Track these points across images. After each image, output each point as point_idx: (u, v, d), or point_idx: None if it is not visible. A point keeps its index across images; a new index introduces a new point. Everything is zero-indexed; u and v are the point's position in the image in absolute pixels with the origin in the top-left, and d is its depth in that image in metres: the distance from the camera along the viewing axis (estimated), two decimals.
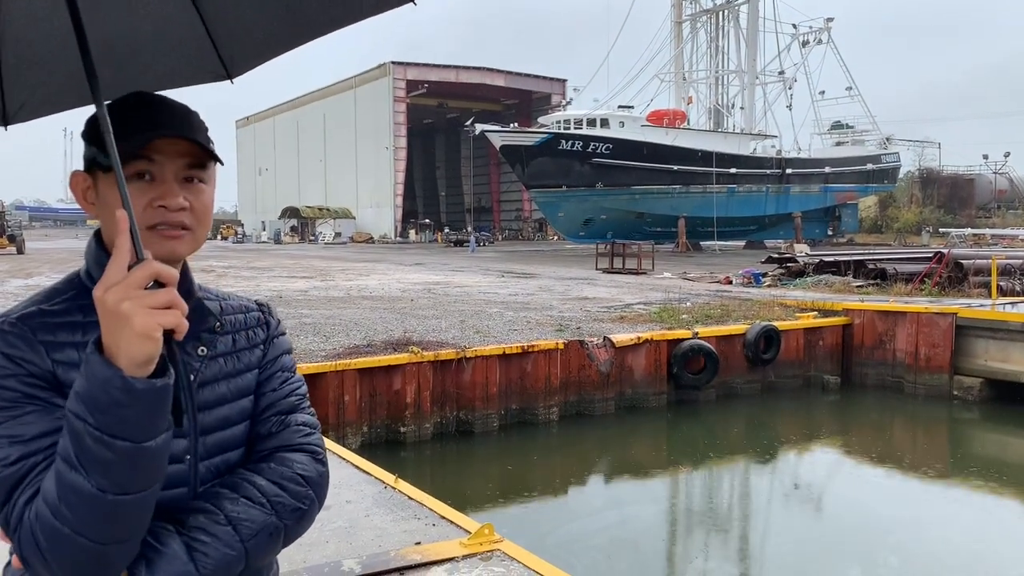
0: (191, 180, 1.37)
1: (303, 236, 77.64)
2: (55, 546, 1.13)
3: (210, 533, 1.29)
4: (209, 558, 1.27)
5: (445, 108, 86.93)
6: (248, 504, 1.34)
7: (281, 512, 1.36)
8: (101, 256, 1.36)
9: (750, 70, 62.80)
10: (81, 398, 1.10)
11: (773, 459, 12.36)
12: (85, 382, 1.10)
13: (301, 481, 1.40)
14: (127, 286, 1.09)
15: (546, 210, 57.16)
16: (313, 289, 21.46)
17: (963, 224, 65.02)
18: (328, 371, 10.62)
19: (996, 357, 14.15)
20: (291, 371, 1.55)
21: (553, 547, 8.00)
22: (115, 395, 1.08)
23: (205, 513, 1.31)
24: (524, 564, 4.30)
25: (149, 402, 1.10)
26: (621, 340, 13.18)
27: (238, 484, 1.37)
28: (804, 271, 23.40)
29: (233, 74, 1.71)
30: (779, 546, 8.94)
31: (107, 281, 1.10)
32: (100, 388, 1.08)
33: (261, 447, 1.44)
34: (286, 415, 1.48)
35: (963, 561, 8.21)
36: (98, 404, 1.09)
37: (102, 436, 1.09)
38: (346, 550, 4.56)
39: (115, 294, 1.09)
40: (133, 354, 1.08)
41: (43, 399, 1.23)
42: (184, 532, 1.28)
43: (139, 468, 1.13)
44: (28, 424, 1.20)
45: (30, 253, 41.42)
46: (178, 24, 1.59)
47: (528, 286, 22.73)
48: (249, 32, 1.67)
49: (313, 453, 1.46)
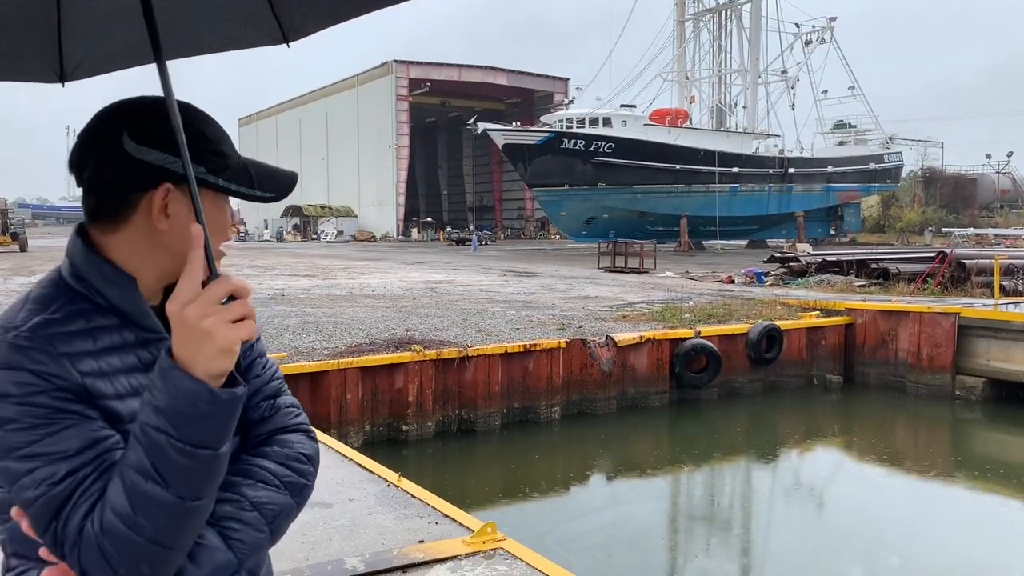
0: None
1: (305, 234, 77.69)
2: (127, 556, 1.15)
3: (240, 520, 1.32)
4: (245, 544, 1.32)
5: (447, 107, 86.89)
6: (265, 487, 1.37)
7: (292, 490, 1.40)
8: (90, 255, 1.31)
9: (753, 69, 62.70)
10: (162, 412, 1.12)
11: (775, 458, 12.36)
12: (167, 396, 1.12)
13: (303, 459, 1.44)
14: (206, 302, 1.12)
15: (548, 209, 57.14)
16: (315, 287, 21.47)
17: (966, 224, 64.89)
18: (331, 369, 10.63)
19: (999, 357, 14.14)
20: (265, 356, 1.57)
21: (555, 545, 8.01)
22: (202, 407, 1.12)
23: (230, 503, 1.33)
24: (527, 562, 4.31)
25: (231, 411, 1.15)
26: (623, 339, 13.18)
27: (249, 470, 1.39)
28: (806, 270, 23.38)
29: (290, 38, 1.70)
30: (780, 545, 8.95)
31: (183, 297, 1.12)
32: (187, 402, 1.11)
33: (258, 431, 1.46)
34: (274, 399, 1.50)
35: (965, 561, 8.21)
36: (185, 417, 1.12)
37: (186, 447, 1.12)
38: (349, 548, 4.57)
39: (196, 310, 1.12)
40: (213, 368, 1.12)
41: (76, 412, 1.20)
42: (215, 523, 1.30)
43: (214, 473, 1.18)
44: (68, 439, 1.18)
45: (33, 251, 41.50)
46: None
47: (530, 285, 22.73)
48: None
49: (307, 431, 1.50)
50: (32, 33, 1.61)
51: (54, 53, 1.66)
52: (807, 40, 65.19)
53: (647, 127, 54.88)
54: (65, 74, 1.72)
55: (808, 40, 65.20)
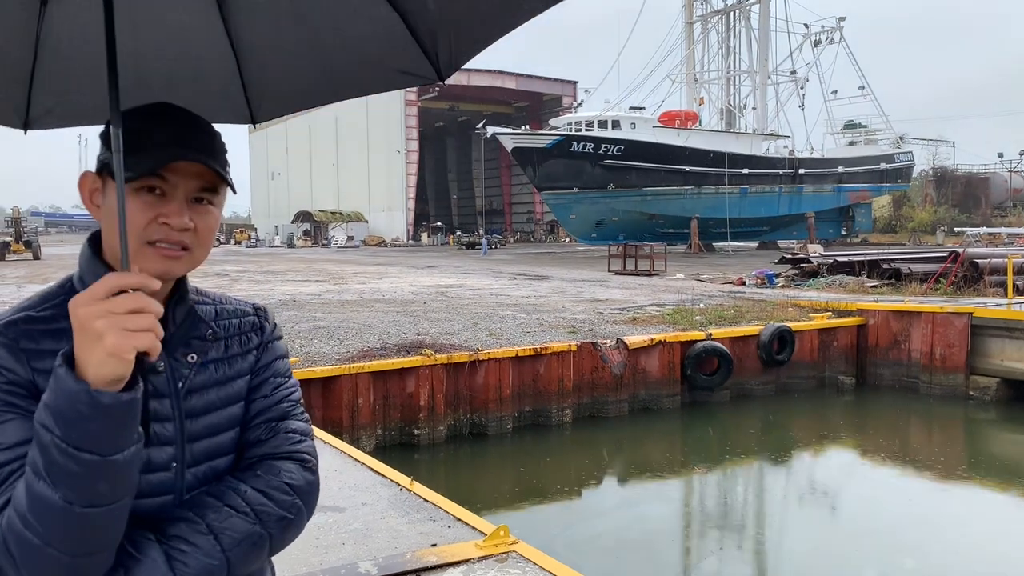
0: (200, 201, 1.36)
1: (316, 240, 77.91)
2: (26, 556, 1.13)
3: (190, 542, 1.28)
4: (188, 567, 1.26)
5: (456, 111, 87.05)
6: (231, 512, 1.32)
7: (266, 521, 1.34)
8: (94, 262, 1.36)
9: (762, 70, 62.58)
10: (49, 410, 1.09)
11: (787, 460, 12.32)
12: (52, 394, 1.09)
13: (288, 490, 1.38)
14: (92, 299, 1.09)
15: (558, 212, 57.11)
16: (326, 293, 21.54)
17: (978, 223, 64.54)
18: (342, 374, 10.67)
19: (1013, 357, 14.05)
20: (285, 376, 1.53)
21: (568, 548, 8.00)
22: (81, 409, 1.07)
23: (186, 522, 1.30)
24: (539, 565, 4.31)
25: (116, 416, 1.09)
26: (634, 342, 13.17)
27: (223, 492, 1.35)
28: (818, 271, 23.29)
29: (257, 119, 1.75)
30: (793, 546, 8.91)
31: (85, 295, 1.10)
32: (66, 401, 1.08)
33: (250, 454, 1.42)
34: (276, 422, 1.46)
35: (981, 562, 8.16)
36: (64, 417, 1.08)
37: (68, 448, 1.08)
38: (362, 552, 4.58)
39: (89, 310, 1.08)
40: (103, 372, 1.07)
41: (22, 407, 1.22)
42: (164, 541, 1.27)
43: (106, 481, 1.12)
44: (6, 432, 1.20)
45: (46, 259, 41.78)
46: (214, 63, 1.64)
47: (540, 288, 22.73)
48: (281, 84, 1.71)
49: (302, 461, 1.43)
50: (1, 78, 1.63)
51: (22, 100, 1.67)
52: (816, 40, 65.04)
53: (656, 129, 54.82)
54: (30, 121, 1.72)
55: (817, 40, 65.05)
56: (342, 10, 1.53)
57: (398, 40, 1.54)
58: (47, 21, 1.54)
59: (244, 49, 1.62)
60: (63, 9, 1.54)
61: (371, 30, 1.55)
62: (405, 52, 1.56)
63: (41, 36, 1.56)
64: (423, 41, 1.54)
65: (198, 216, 1.35)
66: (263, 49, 1.63)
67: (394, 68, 1.62)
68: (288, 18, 1.56)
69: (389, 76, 1.65)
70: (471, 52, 1.56)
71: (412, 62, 1.57)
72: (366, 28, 1.55)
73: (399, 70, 1.62)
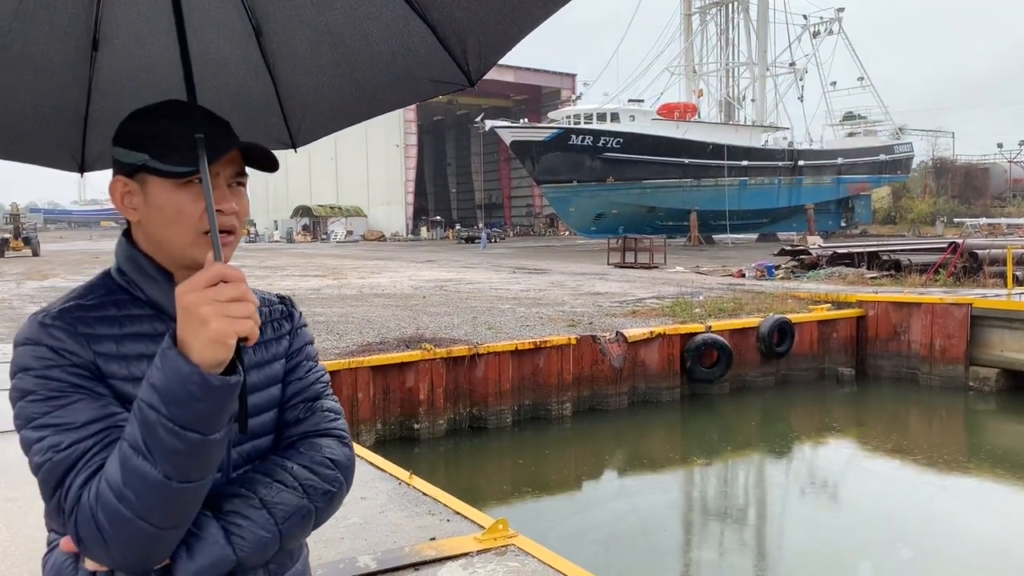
0: (237, 184, 1.42)
1: (315, 235, 77.82)
2: (116, 528, 1.18)
3: (246, 516, 1.34)
4: (246, 540, 1.32)
5: (455, 105, 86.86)
6: (281, 488, 1.38)
7: (312, 495, 1.41)
8: (134, 254, 1.41)
9: (761, 62, 62.46)
10: (157, 390, 1.15)
11: (787, 452, 12.33)
12: (162, 375, 1.15)
13: (330, 464, 1.45)
14: (196, 286, 1.15)
15: (557, 205, 57.02)
16: (326, 287, 21.53)
17: (978, 214, 64.45)
18: (342, 369, 10.66)
19: (1013, 347, 14.05)
20: (314, 360, 1.60)
21: (567, 541, 8.01)
22: (192, 390, 1.13)
23: (240, 497, 1.35)
24: (538, 558, 4.31)
25: (222, 398, 1.16)
26: (634, 335, 13.16)
27: (271, 469, 1.41)
28: (817, 263, 23.29)
29: (298, 144, 1.81)
30: (793, 537, 8.93)
31: (191, 283, 1.16)
32: (178, 383, 1.14)
33: (290, 433, 1.49)
34: (312, 402, 1.52)
35: (979, 553, 8.17)
36: (175, 397, 1.14)
37: (175, 427, 1.14)
38: (361, 546, 4.58)
39: (196, 296, 1.14)
40: (207, 356, 1.14)
41: (88, 388, 1.28)
42: (221, 516, 1.32)
43: (203, 458, 1.19)
44: (77, 412, 1.25)
45: (45, 255, 41.74)
46: (254, 93, 1.70)
47: (540, 282, 22.72)
48: (319, 106, 1.76)
49: (340, 437, 1.50)
50: (59, 123, 1.71)
51: (77, 143, 1.75)
52: (815, 32, 64.96)
53: (655, 122, 54.70)
54: (86, 164, 1.80)
55: (816, 31, 64.96)
56: (374, 28, 1.57)
57: (429, 51, 1.58)
58: (97, 63, 1.61)
59: (282, 76, 1.68)
60: (111, 48, 1.59)
61: (402, 44, 1.59)
62: (436, 62, 1.60)
63: (93, 78, 1.63)
64: (452, 49, 1.57)
65: (238, 199, 1.42)
66: (300, 74, 1.68)
67: (425, 78, 1.66)
68: (324, 42, 1.61)
69: (421, 86, 1.69)
70: (499, 54, 1.59)
71: (443, 71, 1.62)
72: (397, 43, 1.59)
73: (430, 79, 1.66)
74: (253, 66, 1.66)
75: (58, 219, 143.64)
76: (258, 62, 1.65)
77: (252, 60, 1.65)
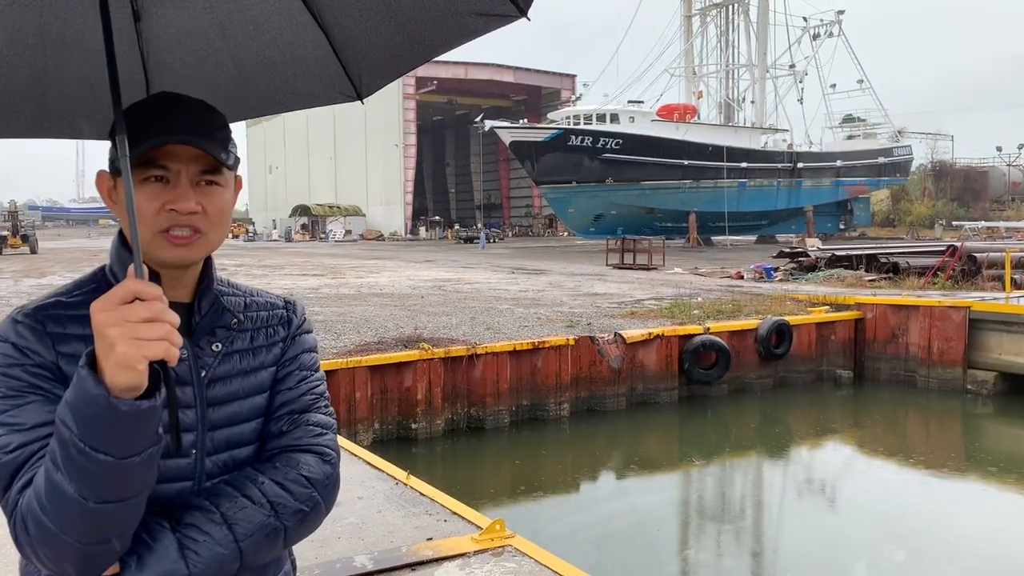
0: (208, 183, 1.36)
1: (314, 234, 77.77)
2: (43, 539, 1.15)
3: (203, 531, 1.29)
4: (200, 556, 1.27)
5: (454, 105, 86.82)
6: (247, 503, 1.33)
7: (281, 513, 1.35)
8: (123, 254, 1.38)
9: (760, 64, 62.47)
10: (69, 408, 1.10)
11: (785, 454, 12.33)
12: (74, 394, 1.10)
13: (305, 483, 1.39)
14: (109, 304, 1.09)
15: (556, 206, 57.02)
16: (324, 287, 21.51)
17: (976, 217, 64.48)
18: (339, 368, 10.65)
19: (1010, 351, 14.05)
20: (311, 370, 1.53)
21: (564, 542, 8.00)
22: (99, 412, 1.08)
23: (202, 510, 1.31)
24: (535, 559, 4.30)
25: (132, 424, 1.09)
26: (632, 336, 13.16)
27: (241, 483, 1.36)
28: (816, 265, 23.29)
29: (363, 94, 1.76)
30: (789, 539, 8.92)
31: (104, 300, 1.10)
32: (85, 404, 1.08)
33: (271, 446, 1.43)
34: (299, 414, 1.46)
35: (974, 556, 8.17)
36: (83, 417, 1.08)
37: (85, 448, 1.09)
38: (358, 546, 4.57)
39: (105, 316, 1.08)
40: (116, 380, 1.07)
41: (46, 389, 1.25)
42: (178, 529, 1.28)
43: (120, 480, 1.13)
44: (29, 413, 1.22)
45: (43, 253, 41.68)
46: (307, 47, 1.66)
47: (538, 282, 22.72)
48: (374, 55, 1.72)
49: (322, 454, 1.43)
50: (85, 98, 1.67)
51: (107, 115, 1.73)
52: (815, 34, 64.95)
53: (655, 123, 54.72)
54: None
55: (816, 34, 64.96)
56: None
57: None
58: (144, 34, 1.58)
59: (332, 27, 1.63)
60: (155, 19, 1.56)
61: None
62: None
63: (144, 51, 1.60)
64: None
65: (206, 199, 1.35)
66: (349, 24, 1.63)
67: (472, 12, 1.58)
68: None
69: (469, 22, 1.61)
70: None
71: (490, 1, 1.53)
72: None
73: (477, 12, 1.57)
74: (300, 19, 1.60)
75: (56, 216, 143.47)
76: (304, 15, 1.59)
77: (298, 13, 1.59)
